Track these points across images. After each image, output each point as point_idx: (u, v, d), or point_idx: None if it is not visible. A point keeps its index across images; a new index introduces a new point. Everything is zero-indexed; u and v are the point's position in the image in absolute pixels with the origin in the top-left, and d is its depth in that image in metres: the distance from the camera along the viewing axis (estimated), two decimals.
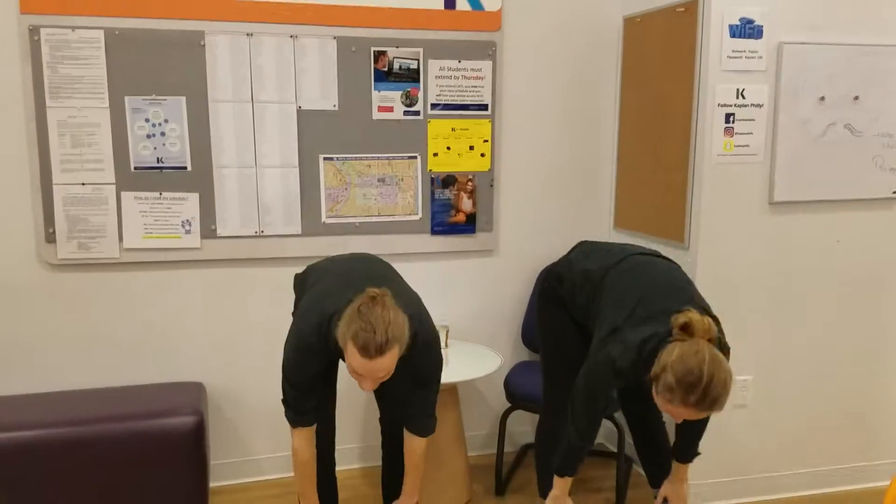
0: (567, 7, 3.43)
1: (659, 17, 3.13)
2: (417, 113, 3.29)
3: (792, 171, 2.97)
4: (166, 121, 3.04)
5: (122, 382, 3.18)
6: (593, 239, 3.59)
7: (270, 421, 3.34)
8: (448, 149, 3.35)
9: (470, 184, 3.40)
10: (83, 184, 3.01)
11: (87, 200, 3.02)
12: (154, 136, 3.04)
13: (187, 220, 3.11)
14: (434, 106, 3.30)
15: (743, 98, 2.88)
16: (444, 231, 3.41)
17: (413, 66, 3.25)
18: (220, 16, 3.03)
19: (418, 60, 3.25)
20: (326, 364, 2.31)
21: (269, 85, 3.12)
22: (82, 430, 2.70)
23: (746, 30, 2.83)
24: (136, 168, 3.04)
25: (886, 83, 3.00)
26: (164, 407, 2.84)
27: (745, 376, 3.07)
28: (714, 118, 2.87)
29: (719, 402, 1.98)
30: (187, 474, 2.81)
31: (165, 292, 3.17)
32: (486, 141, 3.39)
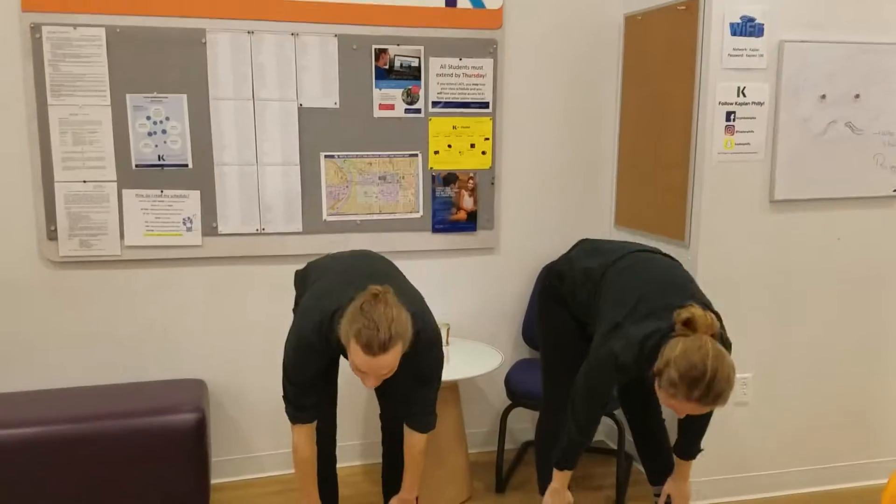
0: (568, 5, 3.43)
1: (660, 15, 3.13)
2: (418, 111, 3.29)
3: (792, 170, 2.97)
4: (167, 118, 3.05)
5: (123, 379, 3.19)
6: (594, 237, 3.59)
7: (271, 418, 3.35)
8: (449, 147, 3.35)
9: (471, 182, 3.40)
10: (84, 181, 3.01)
11: (88, 198, 3.02)
12: (155, 133, 3.05)
13: (188, 218, 3.12)
14: (435, 104, 3.31)
15: (744, 96, 2.88)
16: (445, 229, 3.41)
17: (414, 63, 3.25)
18: (222, 13, 3.03)
19: (419, 58, 3.25)
20: (327, 362, 2.31)
21: (271, 82, 3.12)
22: (84, 426, 2.71)
23: (747, 28, 2.83)
24: (137, 166, 3.05)
25: (887, 81, 3.00)
26: (165, 404, 2.84)
27: (746, 374, 3.08)
28: (715, 116, 2.87)
29: (723, 397, 1.98)
30: (189, 471, 2.82)
31: (167, 290, 3.17)
32: (487, 139, 3.39)
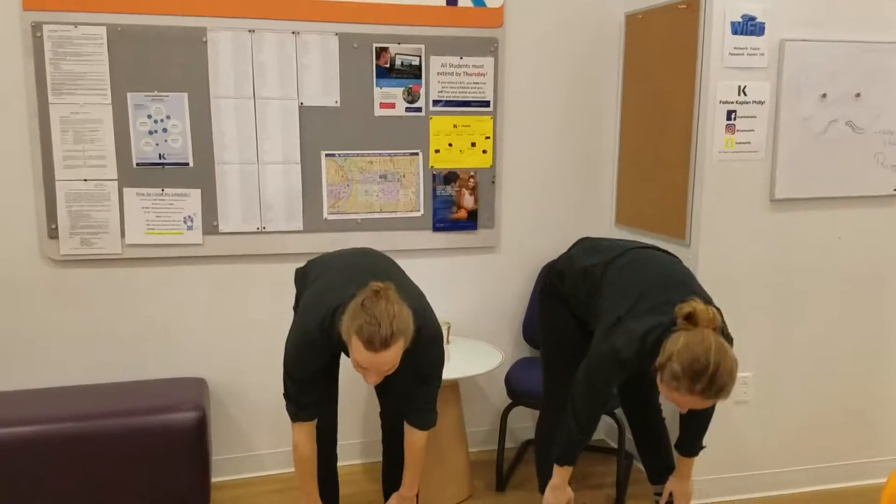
0: (569, 3, 3.42)
1: (661, 13, 3.13)
2: (419, 109, 3.29)
3: (793, 169, 2.97)
4: (168, 117, 3.05)
5: (124, 378, 3.19)
6: (595, 236, 3.59)
7: (272, 416, 3.35)
8: (450, 145, 3.36)
9: (472, 180, 3.41)
10: (85, 180, 3.01)
11: (89, 196, 3.03)
12: (156, 132, 3.05)
13: (189, 217, 3.12)
14: (436, 102, 3.31)
15: (744, 95, 2.88)
16: (446, 228, 3.41)
17: (415, 62, 3.25)
18: (222, 12, 3.03)
19: (420, 57, 3.25)
20: (329, 359, 2.31)
21: (271, 81, 3.12)
22: (85, 425, 2.71)
23: (748, 27, 2.83)
24: (138, 164, 3.05)
25: (888, 80, 3.00)
26: (166, 402, 2.85)
27: (746, 373, 3.08)
28: (715, 115, 2.87)
29: (725, 390, 1.98)
30: (189, 469, 2.82)
31: (167, 288, 3.18)
32: (487, 137, 3.39)
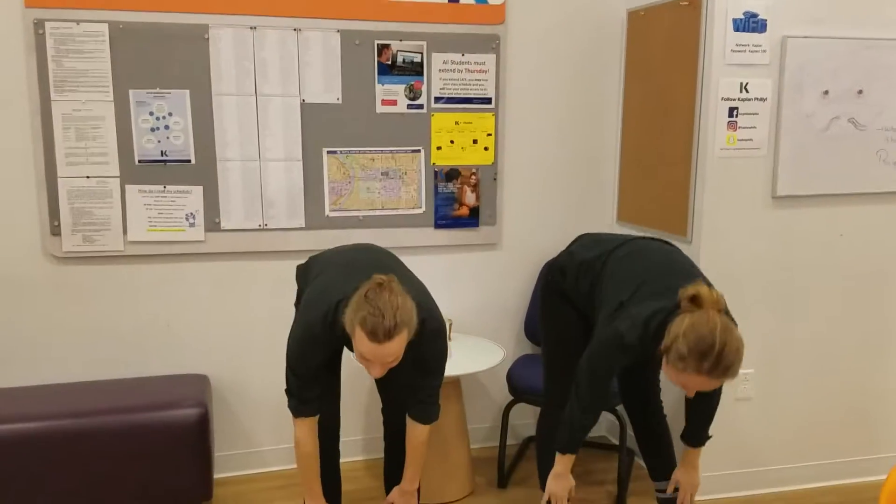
0: (571, 0, 3.42)
1: (663, 10, 3.13)
2: (421, 106, 3.29)
3: (795, 166, 2.97)
4: (170, 114, 3.05)
5: (126, 375, 3.19)
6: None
7: (274, 413, 3.36)
8: (451, 142, 3.36)
9: (473, 177, 3.41)
10: (88, 177, 3.02)
11: (91, 193, 3.03)
12: (158, 129, 3.05)
13: (191, 214, 3.12)
14: (437, 99, 3.31)
15: (746, 92, 2.88)
16: (448, 225, 3.41)
17: (417, 59, 3.25)
18: (224, 9, 3.03)
19: (422, 54, 3.25)
20: (331, 353, 2.31)
21: (273, 78, 3.12)
22: (87, 422, 2.72)
23: (750, 24, 2.83)
24: (140, 161, 3.06)
25: (890, 77, 3.00)
26: (168, 399, 2.85)
27: (748, 370, 3.08)
28: (717, 112, 2.87)
29: (732, 369, 1.98)
30: (192, 466, 2.83)
31: (169, 285, 3.18)
32: (489, 134, 3.39)
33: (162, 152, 3.07)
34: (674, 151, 3.09)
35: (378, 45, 3.20)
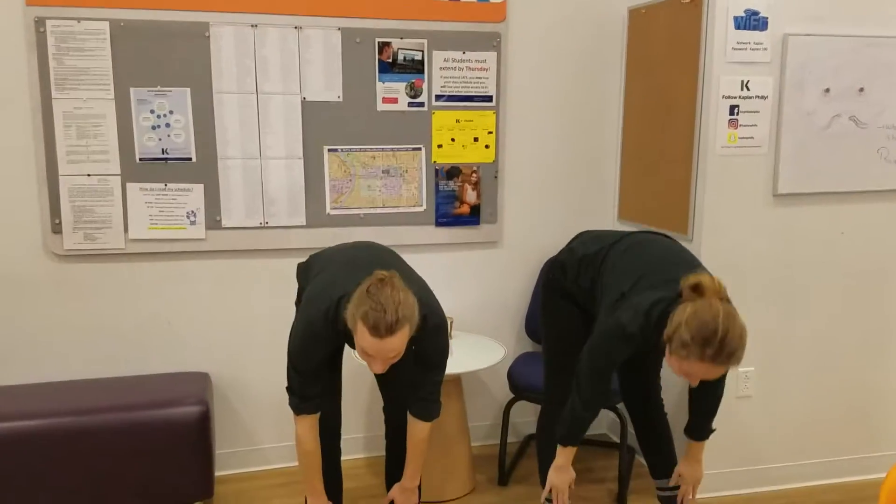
0: None
1: (664, 8, 3.12)
2: (422, 104, 3.29)
3: (796, 163, 2.96)
4: (171, 112, 3.05)
5: (127, 372, 3.20)
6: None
7: (275, 410, 3.36)
8: (452, 140, 3.35)
9: (474, 175, 3.41)
10: (89, 175, 3.02)
11: (92, 191, 3.03)
12: (159, 127, 3.05)
13: (192, 212, 3.13)
14: (438, 97, 3.30)
15: (747, 90, 2.88)
16: (449, 223, 3.41)
17: (417, 57, 3.25)
18: (225, 7, 3.03)
19: (423, 51, 3.25)
20: (333, 350, 2.31)
21: (274, 76, 3.12)
22: (88, 419, 2.72)
23: (751, 21, 2.83)
24: (141, 159, 3.06)
25: (891, 75, 2.99)
26: (169, 397, 2.86)
27: (749, 368, 3.08)
28: (718, 110, 2.86)
29: (736, 356, 1.98)
30: (193, 463, 2.83)
31: (171, 283, 3.18)
32: (490, 132, 3.39)
33: (163, 150, 3.07)
34: (675, 149, 3.09)
35: (379, 42, 3.20)
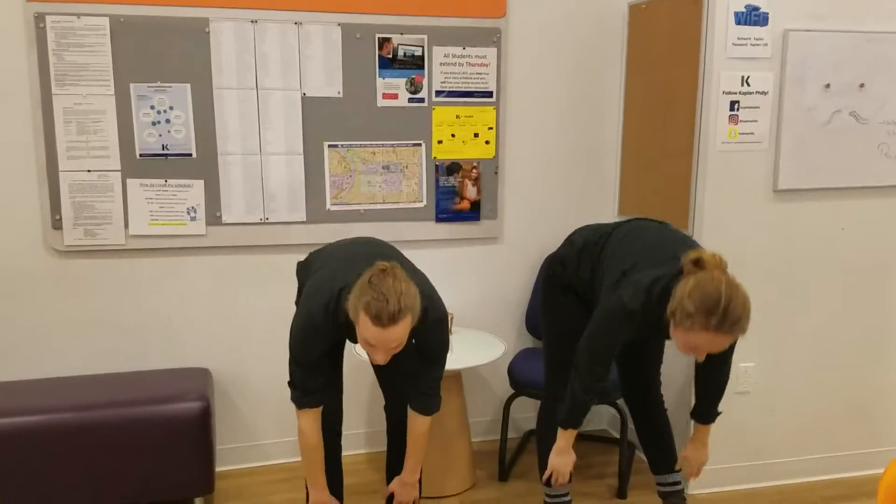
0: None
1: (664, 4, 3.12)
2: (422, 100, 3.29)
3: (797, 159, 2.96)
4: (171, 108, 3.05)
5: (128, 368, 3.20)
6: None
7: (276, 406, 3.36)
8: (453, 136, 3.35)
9: (474, 171, 3.40)
10: (89, 171, 3.02)
11: (93, 187, 3.03)
12: (159, 123, 3.05)
13: (192, 207, 3.13)
14: (439, 93, 3.30)
15: (748, 85, 2.87)
16: (449, 218, 3.41)
17: (418, 52, 3.25)
18: (225, 2, 3.02)
19: (423, 47, 3.25)
20: (334, 342, 2.31)
21: (274, 72, 3.12)
22: (89, 415, 2.72)
23: (752, 17, 2.82)
24: (141, 155, 3.06)
25: (892, 70, 2.99)
26: (170, 392, 2.86)
27: (748, 363, 3.08)
28: (719, 105, 2.86)
29: (740, 324, 1.98)
30: (194, 459, 2.83)
31: (171, 279, 3.18)
32: (490, 128, 3.39)
33: (163, 146, 3.07)
34: (675, 145, 3.09)
35: (379, 38, 3.20)
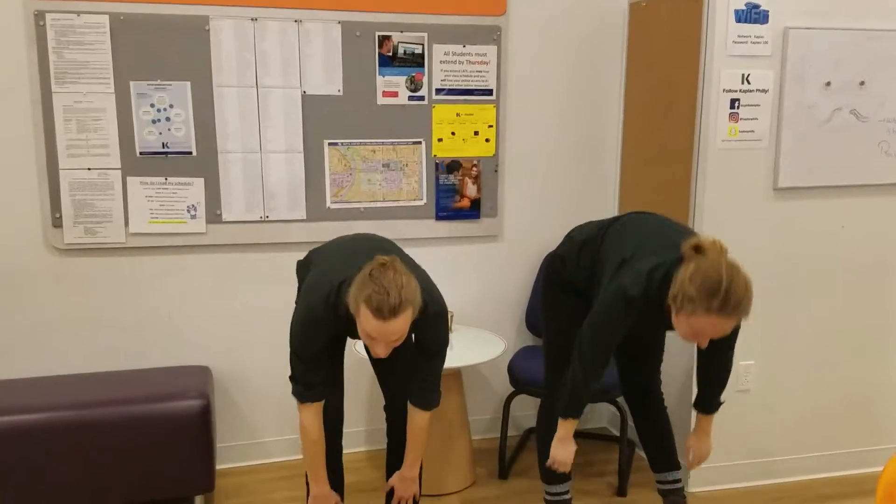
0: None
1: (665, 1, 3.12)
2: (422, 98, 3.29)
3: (797, 157, 2.96)
4: (171, 106, 3.05)
5: (128, 366, 3.20)
6: None
7: (276, 404, 3.37)
8: (453, 134, 3.35)
9: (474, 169, 3.40)
10: (89, 169, 3.02)
11: (93, 185, 3.03)
12: (159, 121, 3.05)
13: (193, 206, 3.12)
14: (439, 91, 3.30)
15: (748, 83, 2.87)
16: (449, 216, 3.41)
17: (418, 50, 3.25)
18: (225, 0, 3.02)
19: (423, 45, 3.25)
20: (334, 336, 2.31)
21: (274, 70, 3.12)
22: (89, 413, 2.72)
23: (752, 15, 2.82)
24: (141, 153, 3.05)
25: (892, 68, 2.99)
26: (170, 390, 2.86)
27: (749, 361, 3.08)
28: (719, 104, 2.86)
29: (742, 306, 1.99)
30: (194, 457, 2.83)
31: (171, 277, 3.18)
32: (490, 126, 3.39)
33: (163, 144, 3.07)
34: (675, 143, 3.09)
35: (379, 36, 3.20)
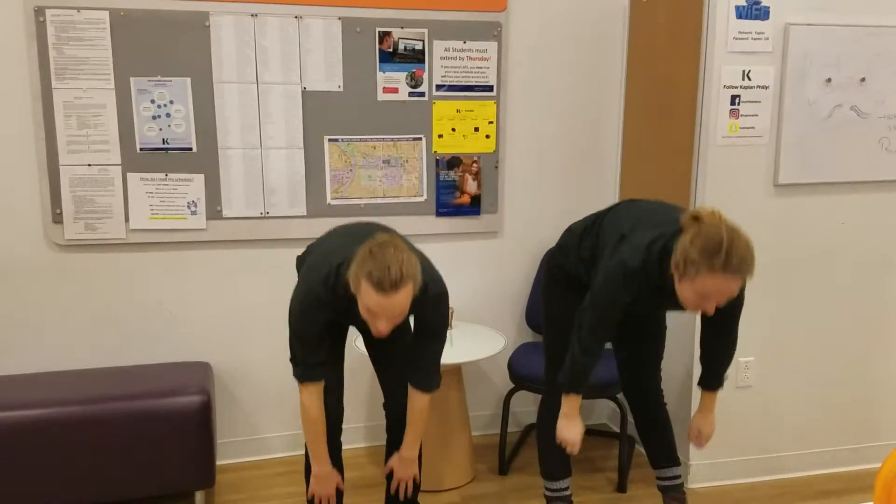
0: None
1: None
2: (422, 94, 3.29)
3: (797, 154, 2.96)
4: (171, 102, 3.05)
5: (128, 362, 3.21)
6: None
7: (276, 399, 3.37)
8: (453, 130, 3.35)
9: (475, 165, 3.40)
10: (89, 165, 3.02)
11: (93, 181, 3.03)
12: (159, 117, 3.05)
13: (193, 202, 3.13)
14: (439, 87, 3.30)
15: (749, 80, 2.87)
16: (449, 213, 3.41)
17: (418, 46, 3.24)
18: None
19: (423, 41, 3.24)
20: (334, 323, 2.31)
21: (274, 66, 3.12)
22: (89, 409, 2.73)
23: (753, 11, 2.82)
24: (141, 149, 3.06)
25: (893, 65, 2.98)
26: (171, 386, 2.86)
27: (749, 357, 3.08)
28: (719, 100, 2.86)
29: (746, 263, 1.98)
30: (194, 453, 2.84)
31: (172, 273, 3.19)
32: (491, 122, 3.38)
33: (163, 140, 3.07)
34: (676, 140, 3.08)
35: (379, 32, 3.20)
